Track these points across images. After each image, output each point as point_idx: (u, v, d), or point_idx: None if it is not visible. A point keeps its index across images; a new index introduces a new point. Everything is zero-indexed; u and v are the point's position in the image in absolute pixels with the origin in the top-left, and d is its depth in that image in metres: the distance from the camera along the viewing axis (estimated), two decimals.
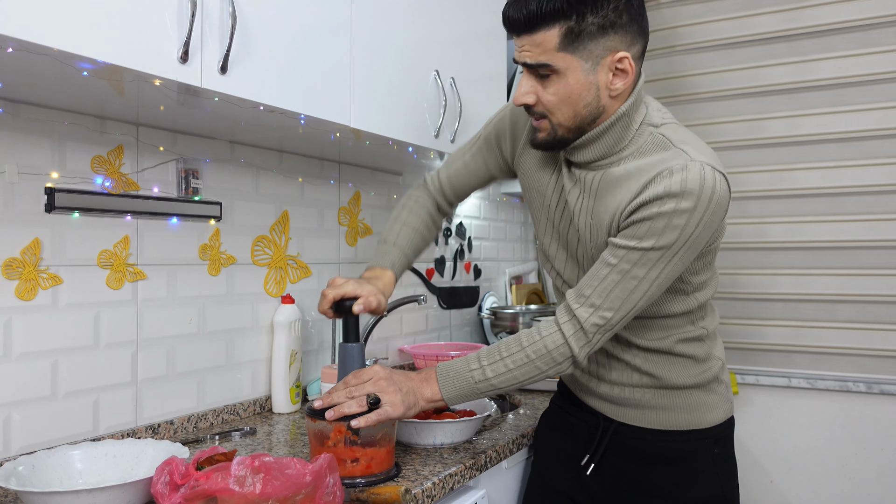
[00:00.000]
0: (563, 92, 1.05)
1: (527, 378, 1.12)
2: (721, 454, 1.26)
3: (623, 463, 1.26)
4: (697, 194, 1.01)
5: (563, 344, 1.09)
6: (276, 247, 1.67)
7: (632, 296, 1.07)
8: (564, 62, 1.03)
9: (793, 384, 2.46)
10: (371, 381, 1.11)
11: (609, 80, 1.05)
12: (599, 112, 1.08)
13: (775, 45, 2.50)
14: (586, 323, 1.08)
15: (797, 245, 2.46)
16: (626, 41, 1.04)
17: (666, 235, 1.03)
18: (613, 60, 1.04)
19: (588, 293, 1.09)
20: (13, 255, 1.16)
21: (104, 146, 1.29)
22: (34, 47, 0.86)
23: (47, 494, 0.92)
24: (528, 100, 1.08)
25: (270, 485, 0.88)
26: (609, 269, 1.07)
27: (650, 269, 1.05)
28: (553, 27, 1.01)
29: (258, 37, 1.16)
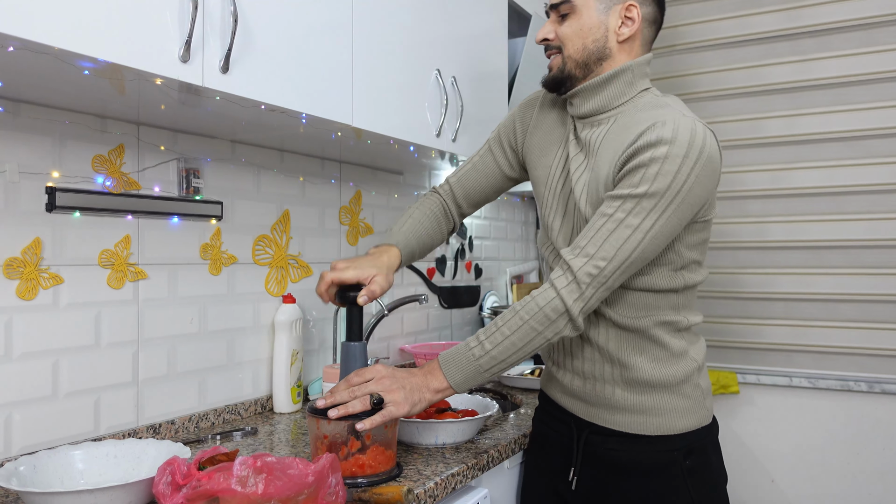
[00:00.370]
0: (577, 25, 1.18)
1: (525, 343, 1.10)
2: (694, 466, 1.21)
3: (598, 474, 1.24)
4: (689, 142, 1.07)
5: (555, 297, 1.09)
6: (277, 246, 1.67)
7: (625, 245, 1.07)
8: (583, 0, 1.17)
9: (794, 384, 2.46)
10: (373, 379, 1.10)
11: (617, 26, 1.18)
12: (605, 53, 1.19)
13: (776, 44, 2.50)
14: (579, 272, 1.08)
15: (798, 244, 2.45)
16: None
17: (659, 180, 1.06)
18: (624, 8, 1.17)
19: (583, 244, 1.10)
20: (14, 255, 1.15)
21: (105, 145, 1.29)
22: (35, 46, 0.86)
23: (49, 495, 0.92)
24: (547, 34, 1.21)
25: (273, 485, 0.88)
26: (605, 219, 1.09)
27: (644, 219, 1.07)
28: None
29: (259, 36, 1.15)
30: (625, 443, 1.21)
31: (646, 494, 1.20)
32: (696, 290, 1.24)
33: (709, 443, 1.25)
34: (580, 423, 1.26)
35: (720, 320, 2.58)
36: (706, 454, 1.24)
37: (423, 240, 1.37)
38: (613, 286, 1.10)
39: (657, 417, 1.20)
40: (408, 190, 2.15)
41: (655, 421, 1.20)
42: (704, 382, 1.25)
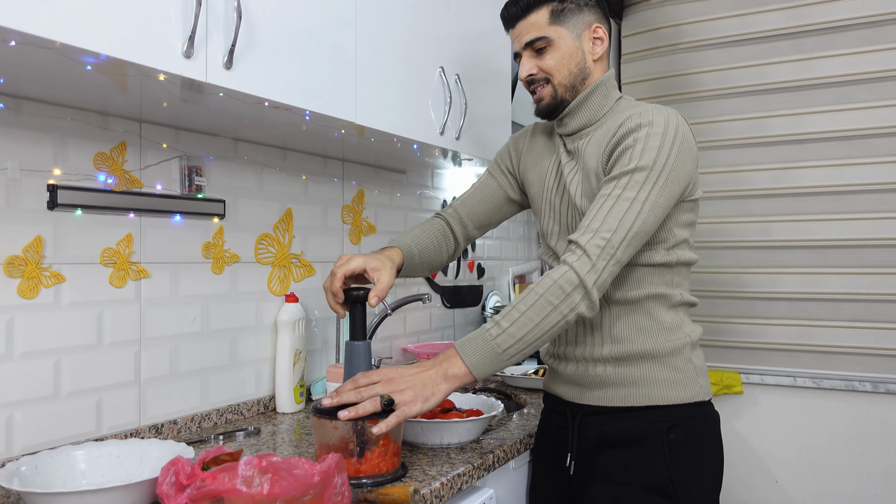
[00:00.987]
0: (558, 56, 1.29)
1: (542, 318, 1.09)
2: (678, 440, 1.22)
3: (590, 453, 1.27)
4: (665, 123, 1.19)
5: (567, 270, 1.11)
6: (280, 245, 1.65)
7: (627, 216, 1.13)
8: (556, 33, 1.28)
9: (798, 384, 2.45)
10: (381, 381, 1.09)
11: (590, 47, 1.30)
12: (586, 72, 1.30)
13: (780, 43, 2.49)
14: (588, 245, 1.11)
15: (802, 244, 2.44)
16: (598, 17, 1.31)
17: (645, 155, 1.16)
18: (591, 31, 1.30)
19: (587, 223, 1.15)
20: (15, 253, 1.14)
21: (107, 143, 1.28)
22: (37, 40, 0.85)
23: (51, 495, 0.90)
24: (531, 71, 1.30)
25: (278, 485, 0.86)
26: (603, 199, 1.15)
27: (639, 191, 1.14)
28: (542, 8, 1.28)
29: (263, 32, 1.14)
30: (614, 417, 1.24)
31: (626, 462, 1.23)
32: (689, 269, 1.30)
33: (700, 423, 1.26)
34: (574, 408, 1.30)
35: (724, 320, 2.57)
36: (694, 432, 1.25)
37: (424, 250, 1.38)
38: (623, 260, 1.13)
39: (644, 388, 1.24)
40: (410, 189, 2.14)
41: (643, 391, 1.24)
42: (698, 360, 1.28)
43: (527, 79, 1.32)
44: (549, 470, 1.36)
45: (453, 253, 1.48)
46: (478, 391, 1.75)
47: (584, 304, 1.10)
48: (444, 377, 1.10)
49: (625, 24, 2.80)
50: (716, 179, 2.60)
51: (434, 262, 1.43)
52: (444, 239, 1.45)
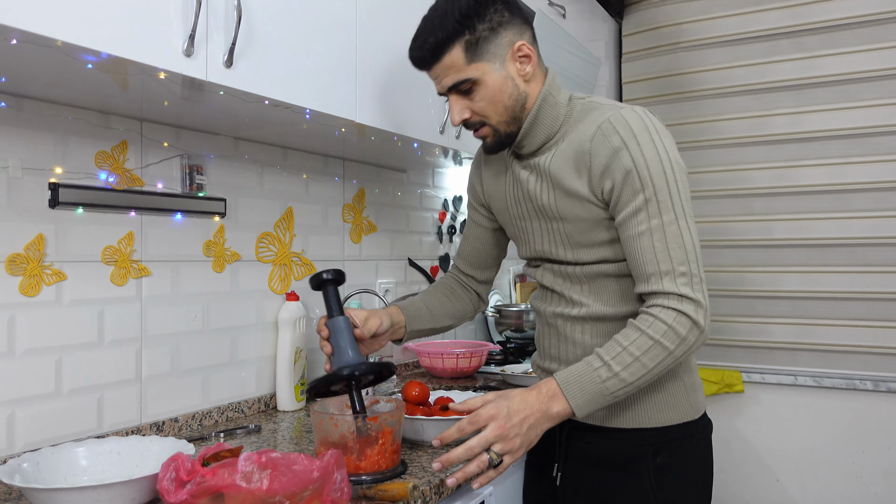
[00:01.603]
0: (489, 95, 1.15)
1: (656, 363, 1.05)
2: (665, 464, 1.17)
3: (577, 469, 1.23)
4: (642, 125, 1.10)
5: (678, 315, 1.05)
6: (281, 244, 1.66)
7: (685, 239, 1.08)
8: (478, 71, 1.13)
9: (799, 382, 2.45)
10: (490, 426, 1.02)
11: (518, 69, 1.16)
12: (524, 97, 1.17)
13: (781, 42, 2.49)
14: (679, 287, 1.06)
15: (803, 242, 2.44)
16: (516, 32, 1.15)
17: (653, 176, 1.08)
18: (514, 51, 1.15)
19: (651, 269, 1.08)
20: (17, 251, 1.15)
21: (108, 141, 1.28)
22: (38, 39, 0.85)
23: (52, 491, 0.91)
24: (464, 115, 1.17)
25: (278, 481, 0.87)
26: (647, 235, 1.08)
27: (674, 209, 1.08)
28: (454, 47, 1.12)
29: (263, 31, 1.15)
30: (600, 436, 1.20)
31: (612, 488, 1.20)
32: None
33: (689, 443, 1.21)
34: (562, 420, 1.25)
35: (725, 319, 2.57)
36: (683, 454, 1.20)
37: (435, 303, 1.38)
38: (705, 277, 1.09)
39: (630, 410, 1.18)
40: (411, 188, 2.14)
41: (628, 414, 1.18)
42: (689, 378, 1.21)
43: (460, 124, 1.19)
44: (538, 475, 1.35)
45: (474, 304, 1.45)
46: (478, 389, 1.75)
47: (701, 339, 1.07)
48: (548, 417, 1.05)
49: (625, 24, 2.80)
50: (717, 178, 2.60)
51: (456, 311, 1.41)
52: (458, 290, 1.43)
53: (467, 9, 1.11)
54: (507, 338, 2.39)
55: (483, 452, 1.01)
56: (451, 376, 1.97)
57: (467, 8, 1.11)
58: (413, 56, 1.18)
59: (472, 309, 1.46)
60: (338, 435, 1.08)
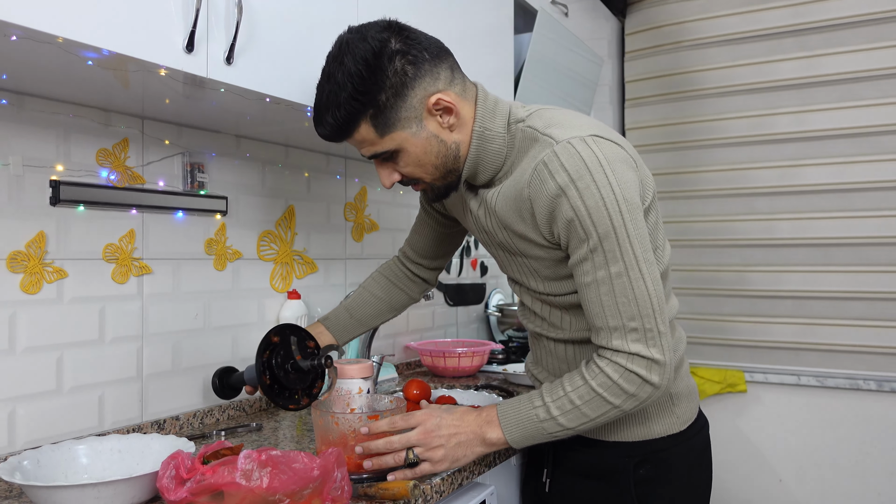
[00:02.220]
0: (413, 160, 1.05)
1: (598, 414, 1.01)
2: (648, 476, 1.13)
3: (564, 477, 1.21)
4: (582, 165, 0.97)
5: (625, 372, 0.99)
6: (283, 242, 1.66)
7: (636, 292, 0.97)
8: (394, 141, 1.03)
9: (802, 382, 2.44)
10: (418, 429, 1.05)
11: (439, 122, 1.04)
12: (455, 150, 1.07)
13: (783, 40, 2.48)
14: (627, 346, 0.98)
15: (806, 241, 2.44)
16: (427, 84, 1.02)
17: (598, 222, 0.96)
18: (430, 107, 1.02)
19: (600, 322, 1.00)
20: (18, 248, 1.15)
21: (109, 139, 1.28)
22: (38, 35, 0.85)
23: (52, 489, 0.91)
24: (393, 179, 1.09)
25: (278, 479, 0.87)
26: (593, 287, 0.99)
27: (623, 258, 0.97)
28: (360, 125, 1.02)
29: (264, 28, 1.14)
30: (585, 445, 1.17)
31: (595, 498, 1.16)
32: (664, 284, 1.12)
33: (675, 455, 1.15)
34: None
35: (727, 318, 2.57)
36: (668, 466, 1.14)
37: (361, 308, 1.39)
38: (667, 330, 1.00)
39: (612, 423, 1.13)
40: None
41: (611, 426, 1.14)
42: (676, 387, 1.15)
43: (392, 186, 1.10)
44: (531, 479, 1.33)
45: (423, 286, 1.43)
46: (480, 388, 1.75)
47: (656, 394, 1.00)
48: (482, 441, 1.05)
49: (628, 22, 2.79)
50: (719, 177, 2.59)
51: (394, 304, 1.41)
52: (401, 281, 1.42)
53: (360, 80, 0.98)
54: (510, 337, 2.39)
55: (403, 450, 1.04)
56: (452, 375, 1.97)
57: (360, 79, 0.98)
58: (319, 133, 1.06)
59: (417, 294, 1.44)
60: (338, 434, 1.08)
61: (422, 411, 1.08)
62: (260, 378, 1.17)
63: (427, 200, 1.16)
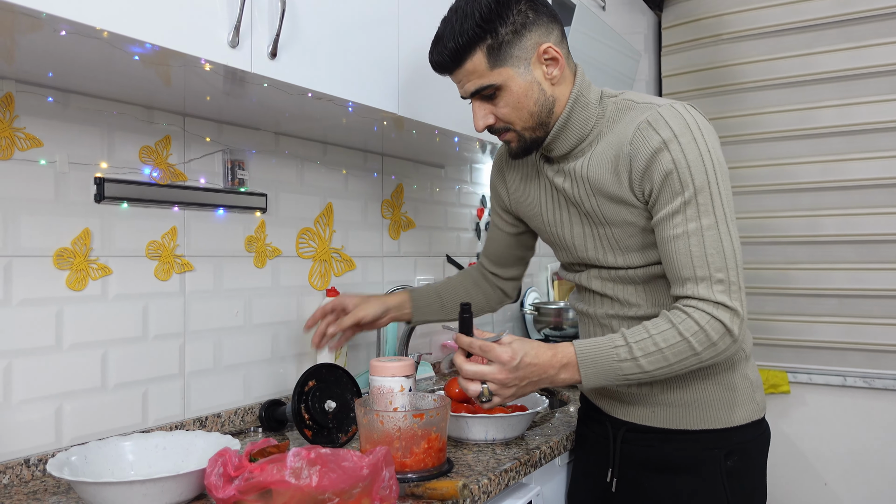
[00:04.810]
0: (513, 100, 1.11)
1: (679, 360, 1.03)
2: (735, 467, 1.14)
3: (635, 473, 1.19)
4: (684, 124, 1.04)
5: (710, 319, 1.02)
6: (321, 239, 1.65)
7: (724, 245, 1.03)
8: (501, 76, 1.09)
9: (848, 383, 2.37)
10: (496, 368, 1.06)
11: (545, 72, 1.11)
12: (551, 102, 1.12)
13: (827, 31, 2.42)
14: (715, 296, 1.02)
15: (852, 238, 2.37)
16: (542, 33, 1.10)
17: (696, 174, 1.03)
18: (540, 54, 1.10)
19: (687, 273, 1.04)
20: (64, 246, 1.15)
21: (152, 136, 1.28)
22: (85, 29, 0.84)
23: (100, 485, 0.90)
24: (487, 121, 1.14)
25: (327, 477, 0.85)
26: (683, 238, 1.04)
27: (714, 213, 1.03)
28: (476, 52, 1.08)
29: (307, 23, 1.13)
30: (663, 438, 1.16)
31: (679, 491, 1.15)
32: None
33: (755, 445, 1.17)
34: (615, 422, 1.22)
35: (769, 317, 2.50)
36: (750, 456, 1.16)
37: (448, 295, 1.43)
38: (744, 285, 1.05)
39: (698, 410, 1.14)
40: (449, 184, 2.12)
41: (697, 413, 1.14)
42: (753, 374, 1.18)
43: (484, 129, 1.15)
44: (588, 479, 1.30)
45: (502, 297, 1.48)
46: None
47: (732, 349, 1.05)
48: (551, 381, 1.08)
49: (665, 16, 2.74)
50: (760, 173, 2.53)
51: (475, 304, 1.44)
52: (482, 283, 1.46)
53: (488, 11, 1.06)
54: (546, 336, 2.36)
55: (478, 383, 1.07)
56: None
57: (488, 10, 1.06)
58: (433, 61, 1.13)
59: (495, 302, 1.48)
60: (382, 432, 1.06)
61: (503, 349, 1.06)
62: (301, 431, 1.23)
63: (510, 154, 1.19)
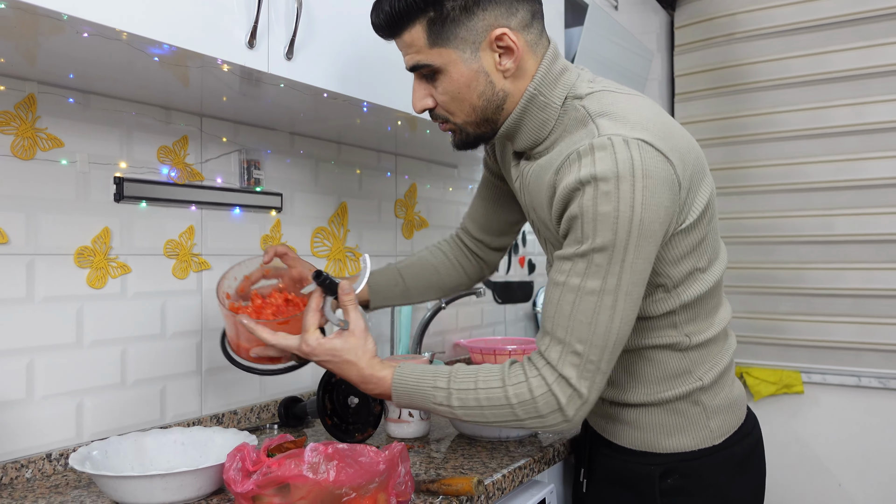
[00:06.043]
0: (452, 88, 0.95)
1: (499, 420, 0.93)
2: (675, 486, 1.04)
3: (599, 482, 1.15)
4: (614, 173, 0.85)
5: (546, 392, 0.90)
6: (335, 239, 1.66)
7: (598, 318, 0.87)
8: (441, 58, 0.94)
9: (863, 383, 2.36)
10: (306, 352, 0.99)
11: (496, 61, 0.94)
12: (501, 98, 0.96)
13: (840, 30, 2.41)
14: (561, 364, 0.89)
15: (866, 238, 2.35)
16: (500, 14, 0.92)
17: (600, 231, 0.86)
18: (492, 41, 0.93)
19: (549, 327, 0.91)
20: (85, 244, 1.17)
21: (169, 136, 1.30)
22: (106, 31, 0.86)
23: (122, 479, 0.92)
24: (426, 104, 0.99)
25: (344, 472, 0.86)
26: (560, 289, 0.90)
27: (605, 279, 0.87)
28: (415, 24, 0.93)
29: (322, 24, 1.14)
30: (614, 452, 1.11)
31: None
32: (704, 300, 1.01)
33: (709, 463, 1.05)
34: (586, 425, 1.20)
35: (783, 317, 2.50)
36: (698, 476, 1.05)
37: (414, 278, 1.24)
38: (608, 369, 0.91)
39: (638, 431, 1.06)
40: (462, 183, 2.13)
41: (636, 434, 1.07)
42: (713, 401, 1.04)
43: (422, 112, 1.01)
44: (570, 474, 1.30)
45: (481, 271, 1.30)
46: None
47: (561, 426, 0.92)
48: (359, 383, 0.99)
49: (677, 15, 2.74)
50: (773, 172, 2.52)
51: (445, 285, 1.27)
52: (458, 259, 1.28)
53: None
54: None
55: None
56: None
57: None
58: (372, 21, 0.98)
59: (473, 276, 1.29)
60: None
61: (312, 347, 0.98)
62: (322, 420, 1.23)
63: (453, 145, 1.04)
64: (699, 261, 0.98)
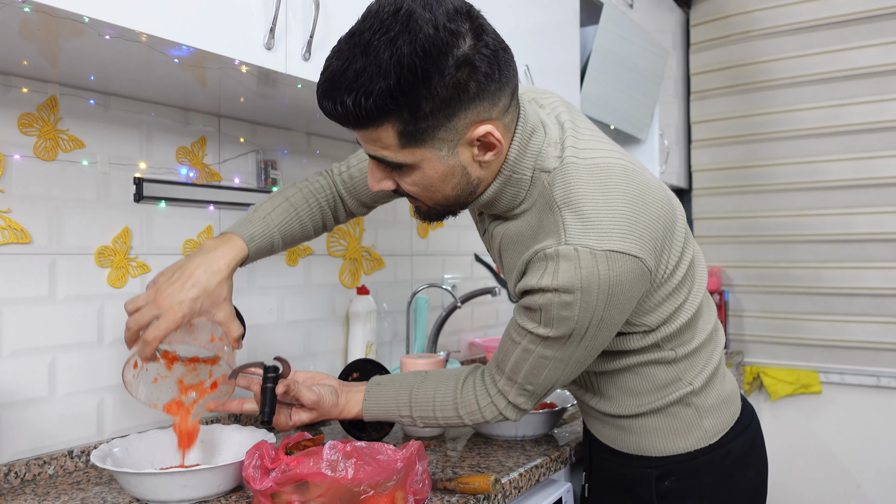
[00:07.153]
0: (425, 182, 0.86)
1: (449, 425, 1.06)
2: (672, 489, 1.04)
3: (599, 485, 1.16)
4: (577, 287, 0.83)
5: (489, 405, 1.00)
6: (351, 238, 1.67)
7: (549, 374, 0.93)
8: (413, 156, 0.82)
9: (882, 384, 2.34)
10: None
11: (474, 154, 0.85)
12: (475, 185, 0.89)
13: (859, 27, 2.39)
14: (513, 397, 0.98)
15: (885, 237, 2.33)
16: (482, 109, 0.81)
17: (557, 328, 0.87)
18: (471, 138, 0.82)
19: (505, 369, 0.97)
20: (105, 244, 1.18)
21: (188, 137, 1.31)
22: (126, 33, 0.87)
23: (142, 475, 0.93)
24: (385, 185, 0.88)
25: (363, 470, 0.87)
26: (516, 347, 0.93)
27: (558, 351, 0.90)
28: (384, 124, 0.79)
29: (339, 23, 1.15)
30: (611, 456, 1.11)
31: None
32: (689, 324, 0.99)
33: (706, 462, 1.04)
34: (585, 429, 1.21)
35: (800, 316, 2.48)
36: (695, 476, 1.04)
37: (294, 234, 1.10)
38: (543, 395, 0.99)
39: (634, 436, 1.06)
40: None
41: (632, 439, 1.06)
42: (705, 401, 1.03)
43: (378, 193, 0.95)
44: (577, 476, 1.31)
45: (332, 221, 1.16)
46: None
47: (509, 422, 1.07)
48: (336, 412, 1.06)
49: (693, 13, 2.73)
50: (791, 171, 2.51)
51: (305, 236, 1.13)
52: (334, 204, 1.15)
53: (410, 77, 0.74)
54: None
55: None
56: None
57: (410, 75, 0.74)
58: (324, 108, 0.81)
59: (341, 222, 1.18)
60: None
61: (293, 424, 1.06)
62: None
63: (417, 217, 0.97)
64: (677, 299, 0.96)
